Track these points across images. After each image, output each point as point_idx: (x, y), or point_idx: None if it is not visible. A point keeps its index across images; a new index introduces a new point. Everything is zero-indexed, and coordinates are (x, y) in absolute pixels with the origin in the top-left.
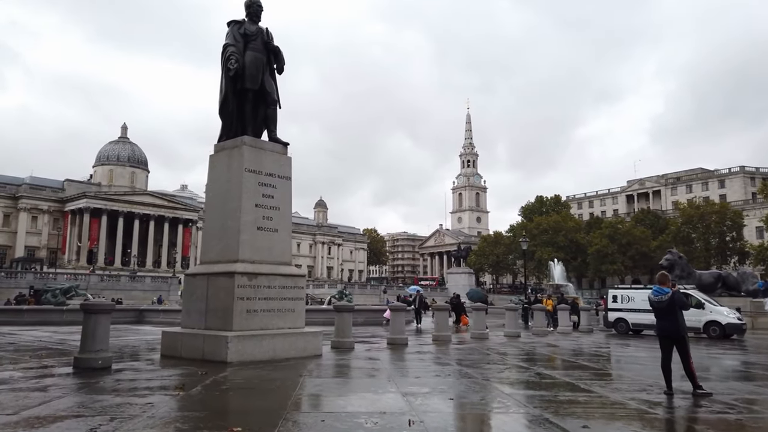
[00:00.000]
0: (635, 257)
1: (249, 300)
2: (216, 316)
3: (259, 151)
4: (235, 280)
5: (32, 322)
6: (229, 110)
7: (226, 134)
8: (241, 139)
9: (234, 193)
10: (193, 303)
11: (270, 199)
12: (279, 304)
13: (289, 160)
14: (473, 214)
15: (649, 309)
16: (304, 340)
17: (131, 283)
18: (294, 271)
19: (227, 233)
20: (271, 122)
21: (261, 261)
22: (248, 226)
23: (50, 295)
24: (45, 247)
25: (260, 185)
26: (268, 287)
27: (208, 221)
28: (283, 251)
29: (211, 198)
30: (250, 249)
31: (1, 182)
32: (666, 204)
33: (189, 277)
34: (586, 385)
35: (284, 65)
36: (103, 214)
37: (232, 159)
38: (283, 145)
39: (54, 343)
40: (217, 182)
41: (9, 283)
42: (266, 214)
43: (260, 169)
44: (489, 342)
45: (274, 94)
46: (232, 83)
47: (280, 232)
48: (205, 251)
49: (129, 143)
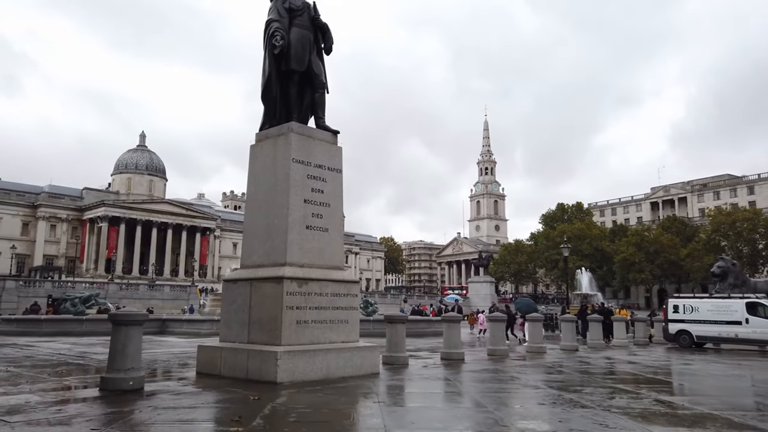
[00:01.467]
0: (664, 266)
1: (299, 309)
2: (261, 328)
3: (308, 139)
4: (284, 287)
5: (51, 333)
6: (272, 94)
7: (269, 121)
8: (288, 126)
9: (280, 187)
10: (234, 313)
11: (320, 194)
12: (331, 315)
13: (339, 150)
14: (492, 222)
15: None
16: (360, 356)
17: (150, 292)
18: (347, 276)
19: (272, 233)
20: (319, 108)
21: (311, 265)
22: (296, 224)
23: (69, 304)
24: (63, 256)
25: (309, 178)
26: (319, 295)
27: (250, 220)
28: (334, 254)
29: (253, 193)
30: (299, 251)
31: (20, 191)
32: (693, 211)
33: (228, 284)
34: (741, 418)
35: (333, 44)
36: (121, 223)
37: (278, 148)
38: (333, 134)
39: (75, 356)
40: (260, 175)
41: (27, 291)
42: (316, 211)
43: (309, 160)
44: (551, 357)
45: (322, 76)
46: (276, 64)
47: (330, 232)
48: (246, 254)
49: (147, 151)
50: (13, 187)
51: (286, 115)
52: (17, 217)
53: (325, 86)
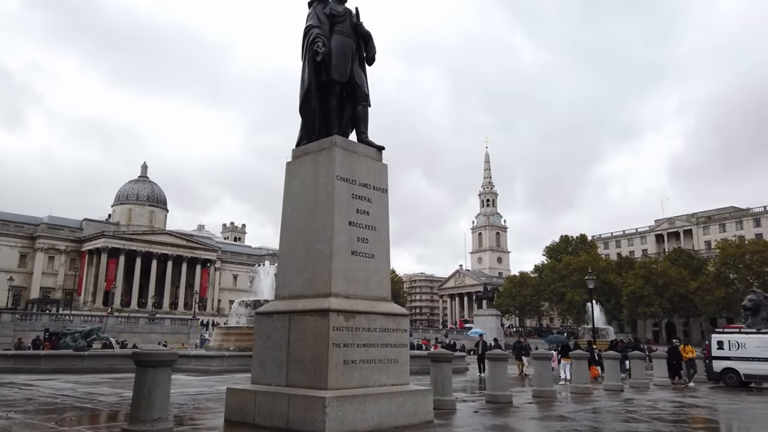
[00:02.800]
0: (673, 299)
1: (346, 347)
2: (302, 368)
3: (352, 155)
4: (330, 321)
5: (50, 370)
6: (311, 106)
7: (307, 136)
8: (331, 140)
9: (323, 208)
10: (269, 351)
11: (365, 216)
12: (380, 353)
13: (385, 167)
14: (494, 255)
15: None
16: (413, 401)
17: (149, 326)
18: (396, 309)
19: (314, 260)
20: (361, 122)
21: (356, 296)
22: (341, 250)
23: (69, 339)
24: (60, 288)
25: (354, 198)
26: (367, 330)
27: (286, 245)
28: (381, 283)
29: (290, 215)
30: (344, 280)
31: (19, 221)
32: (699, 244)
33: (262, 317)
34: None
35: (375, 54)
36: (120, 254)
37: (319, 165)
38: (378, 150)
39: (80, 398)
40: (298, 195)
41: (24, 325)
42: (361, 235)
43: (354, 178)
44: (605, 400)
45: (365, 88)
46: (316, 73)
47: (376, 259)
48: (282, 283)
49: (149, 182)
50: (11, 218)
51: (326, 129)
52: (15, 249)
53: (368, 99)
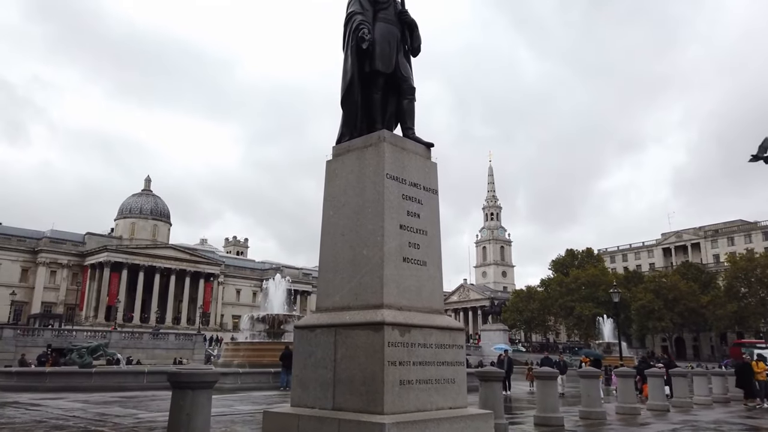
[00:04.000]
0: (684, 313)
1: (402, 366)
2: (352, 390)
3: (402, 151)
4: (384, 335)
5: (55, 388)
6: (354, 99)
7: (349, 132)
8: (378, 135)
9: (371, 210)
10: (312, 369)
11: (416, 219)
12: (436, 372)
13: (434, 166)
14: (498, 269)
15: None
16: (473, 426)
17: (154, 341)
18: (452, 323)
19: (362, 267)
20: (407, 117)
21: (409, 307)
22: (393, 256)
23: (76, 355)
24: (62, 303)
25: (404, 199)
26: (423, 346)
27: (328, 252)
28: (434, 293)
29: (332, 218)
30: (396, 289)
31: (21, 236)
32: (707, 257)
33: (303, 332)
34: None
35: (421, 45)
36: (123, 269)
37: (366, 162)
38: (426, 147)
39: (94, 421)
40: (341, 196)
41: (26, 341)
42: (412, 240)
43: (404, 177)
44: (662, 423)
45: (411, 80)
46: (359, 63)
47: (428, 267)
48: (324, 294)
49: (152, 196)
50: (14, 232)
51: (368, 125)
52: (17, 263)
53: (415, 92)
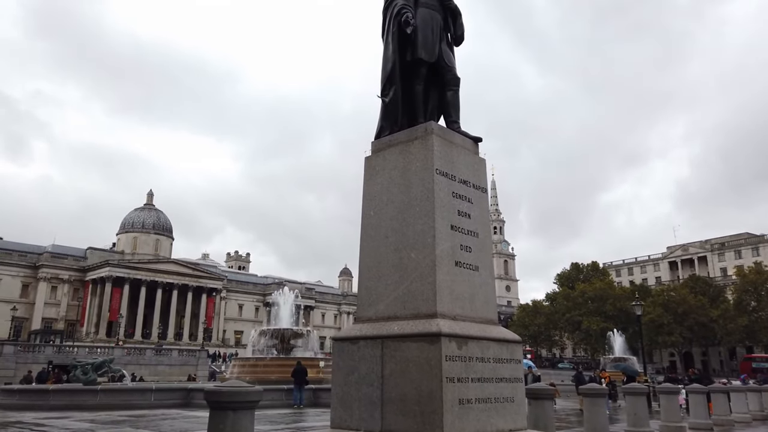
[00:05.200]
0: (694, 328)
1: (460, 383)
2: (405, 409)
3: (450, 145)
4: (441, 348)
5: (59, 406)
6: (395, 90)
7: (389, 126)
8: (425, 127)
9: (419, 209)
10: (355, 387)
11: (466, 220)
12: (495, 390)
13: (483, 163)
14: (503, 283)
15: None
16: None
17: (157, 357)
18: (509, 334)
19: (410, 271)
20: (452, 109)
21: (463, 316)
22: (445, 259)
23: (80, 372)
24: (63, 319)
25: (454, 197)
26: (480, 360)
27: (370, 256)
28: (487, 301)
29: (372, 218)
30: (450, 297)
31: (22, 251)
32: (714, 271)
33: (344, 345)
34: None
35: (464, 34)
36: (125, 284)
37: (411, 157)
38: (474, 141)
39: None
40: (384, 195)
41: (26, 357)
42: (464, 242)
43: (453, 173)
44: None
45: (455, 70)
46: (401, 51)
47: (481, 272)
48: (366, 302)
49: (154, 210)
50: (15, 247)
51: (409, 118)
52: (17, 278)
53: (459, 83)
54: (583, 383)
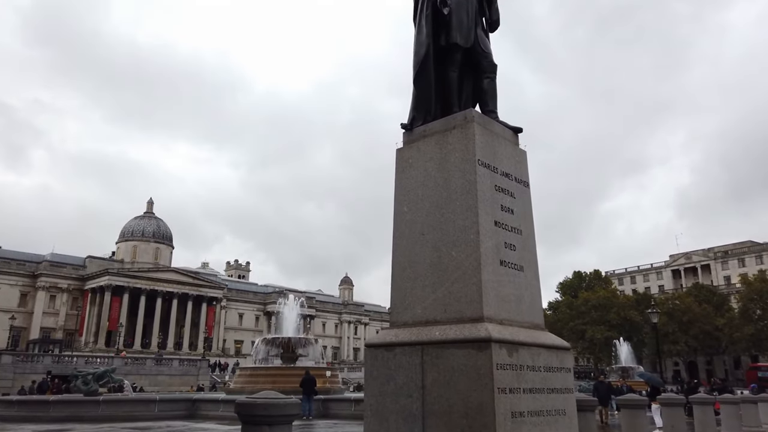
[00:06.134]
0: (699, 336)
1: (512, 394)
2: (450, 423)
3: (491, 135)
4: (492, 355)
5: (60, 418)
6: (429, 77)
7: (422, 116)
8: (464, 115)
9: (459, 203)
10: (391, 398)
11: (510, 216)
12: (546, 401)
13: (524, 155)
14: None
15: None
16: None
17: (157, 367)
18: (557, 341)
19: (450, 271)
20: (489, 98)
21: (510, 321)
22: (490, 258)
23: (81, 382)
24: (61, 329)
25: (497, 191)
26: (532, 369)
27: (404, 255)
28: (533, 304)
29: (406, 215)
30: (496, 299)
31: (20, 260)
32: (717, 279)
33: (377, 351)
34: None
35: (500, 19)
36: (124, 293)
37: (449, 147)
38: (514, 132)
39: None
40: (419, 189)
41: (25, 367)
42: (508, 240)
43: (495, 165)
44: None
45: (491, 56)
46: (435, 35)
47: (526, 273)
48: (401, 305)
49: (154, 218)
50: (13, 255)
51: (443, 107)
52: (15, 288)
53: (496, 70)
54: (602, 394)
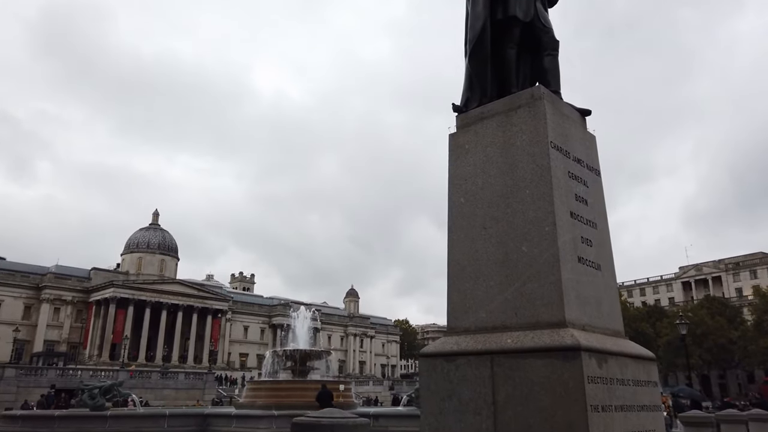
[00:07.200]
0: (713, 350)
1: (605, 412)
2: None
3: (561, 116)
4: (583, 366)
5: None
6: (485, 53)
7: (477, 98)
8: (532, 92)
9: (529, 192)
10: (454, 417)
11: (584, 207)
12: (637, 420)
13: (594, 140)
14: None
15: None
16: None
17: (163, 381)
18: (642, 350)
19: (521, 269)
20: (551, 77)
21: (592, 327)
22: (568, 253)
23: (87, 396)
24: (65, 342)
25: (570, 178)
26: (621, 383)
27: (462, 251)
28: (613, 308)
29: (464, 207)
30: (577, 301)
31: (25, 272)
32: (729, 291)
33: (435, 362)
34: None
35: None
36: (129, 305)
37: (515, 129)
38: (581, 114)
39: None
40: (478, 177)
41: (28, 381)
42: (585, 234)
43: (567, 149)
44: None
45: (553, 31)
46: (492, 8)
47: (603, 273)
48: (461, 308)
49: (160, 230)
50: (18, 267)
51: (499, 88)
52: (20, 300)
53: (558, 46)
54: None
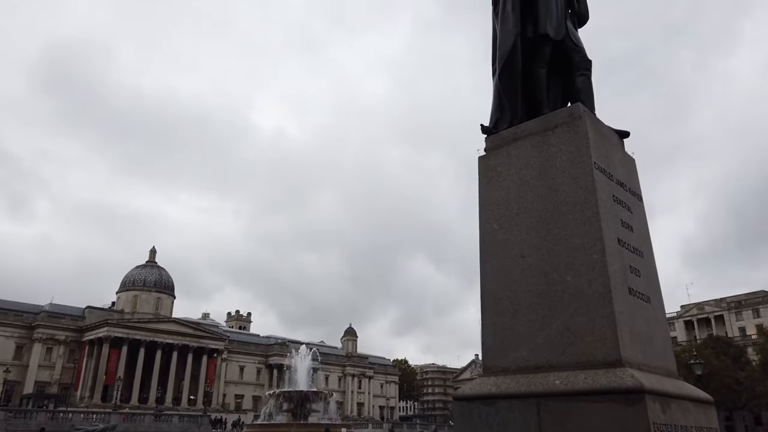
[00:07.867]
0: (720, 390)
1: None
2: None
3: (601, 136)
4: (648, 411)
5: None
6: (515, 72)
7: (508, 119)
8: (571, 111)
9: (572, 216)
10: None
11: (630, 233)
12: None
13: (634, 163)
14: None
15: None
16: None
17: (156, 424)
18: (701, 393)
19: (566, 301)
20: (584, 97)
21: (647, 366)
22: (619, 283)
23: None
24: (57, 383)
25: (615, 202)
26: (684, 429)
27: (496, 283)
28: (666, 344)
29: (498, 234)
30: (630, 336)
31: (18, 310)
32: (732, 330)
33: (471, 406)
34: None
35: (589, 12)
36: (123, 344)
37: (553, 150)
38: (620, 136)
39: None
40: (513, 202)
41: (17, 424)
42: (633, 263)
43: (610, 171)
44: None
45: (585, 51)
46: (522, 24)
47: (653, 305)
48: (499, 346)
49: (157, 267)
50: (11, 306)
51: (529, 109)
52: (11, 339)
53: (591, 66)
54: None
